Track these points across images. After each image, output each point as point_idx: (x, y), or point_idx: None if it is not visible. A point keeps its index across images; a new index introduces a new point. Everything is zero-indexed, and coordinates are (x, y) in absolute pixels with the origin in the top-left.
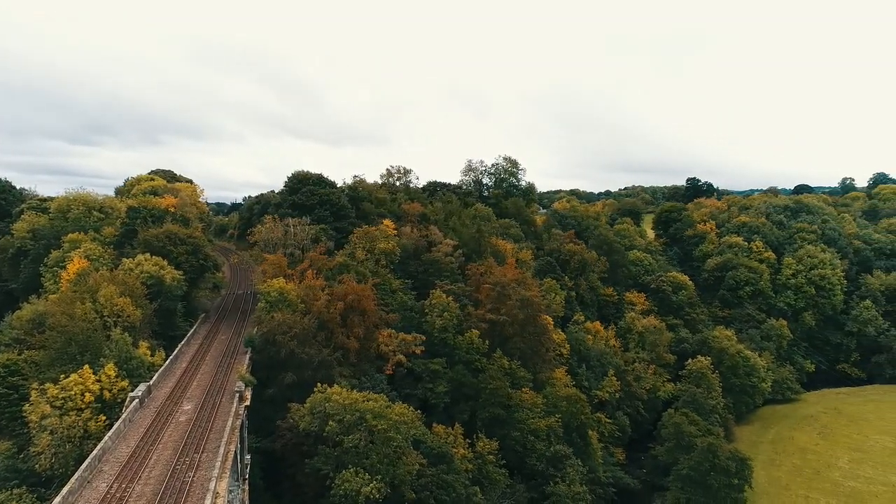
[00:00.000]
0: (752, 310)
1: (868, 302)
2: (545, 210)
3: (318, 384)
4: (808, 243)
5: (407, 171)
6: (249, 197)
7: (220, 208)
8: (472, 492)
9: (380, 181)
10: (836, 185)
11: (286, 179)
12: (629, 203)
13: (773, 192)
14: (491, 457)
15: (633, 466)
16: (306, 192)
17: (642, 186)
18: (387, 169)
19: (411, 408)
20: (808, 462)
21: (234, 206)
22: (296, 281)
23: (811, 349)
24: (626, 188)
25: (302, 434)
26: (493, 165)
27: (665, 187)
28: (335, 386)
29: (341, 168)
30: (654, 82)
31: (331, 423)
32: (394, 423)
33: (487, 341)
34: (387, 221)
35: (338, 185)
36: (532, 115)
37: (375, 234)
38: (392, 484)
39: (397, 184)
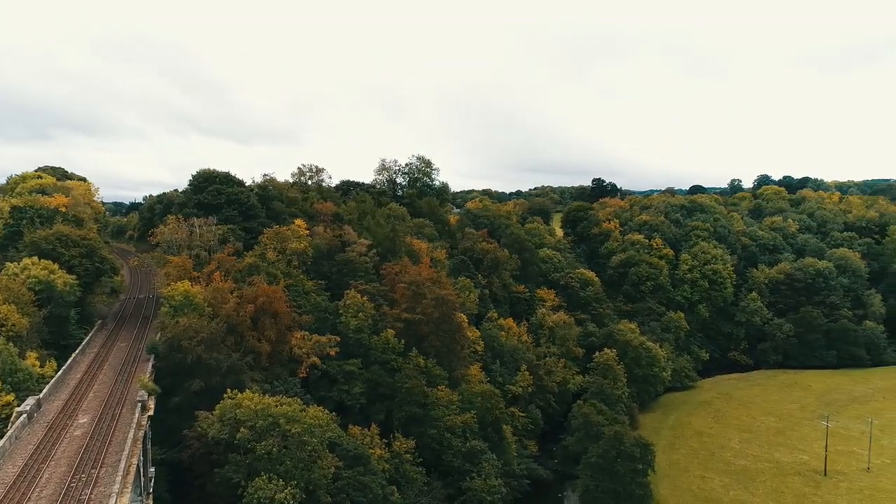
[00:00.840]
0: (653, 303)
1: (754, 294)
2: (459, 210)
3: (228, 390)
4: (702, 240)
5: (319, 170)
6: (150, 196)
7: (117, 208)
8: (388, 492)
9: (291, 180)
10: (726, 186)
11: (191, 177)
12: (539, 203)
13: (671, 192)
14: (408, 455)
15: (546, 457)
16: (213, 190)
17: (551, 186)
18: (298, 168)
19: (326, 410)
20: (703, 444)
21: (134, 206)
22: (202, 284)
23: (705, 339)
24: (535, 188)
25: (211, 442)
26: (406, 165)
27: (572, 187)
28: (246, 391)
29: (251, 167)
30: (564, 86)
31: (242, 429)
32: (308, 427)
33: (403, 341)
34: (298, 221)
35: (247, 184)
36: (447, 116)
37: (287, 235)
38: (307, 489)
39: (309, 183)
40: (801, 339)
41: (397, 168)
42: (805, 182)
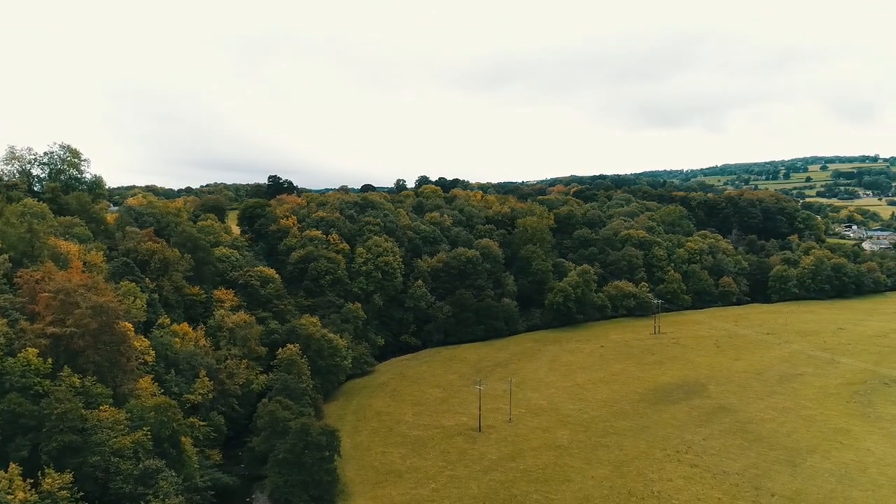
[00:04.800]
0: (332, 296)
1: (420, 281)
2: (118, 207)
3: None
4: (375, 234)
5: None
6: None
7: None
8: None
9: None
10: (393, 186)
11: None
12: (212, 200)
13: (345, 190)
14: (64, 492)
15: (232, 464)
16: None
17: (225, 184)
18: None
19: None
20: (383, 423)
21: None
22: None
23: (381, 326)
24: (208, 185)
25: None
26: (46, 154)
27: (248, 185)
28: None
29: None
30: (237, 82)
31: None
32: None
33: (51, 359)
34: None
35: None
36: (104, 106)
37: None
38: None
39: None
40: (457, 318)
41: (33, 158)
42: (456, 183)
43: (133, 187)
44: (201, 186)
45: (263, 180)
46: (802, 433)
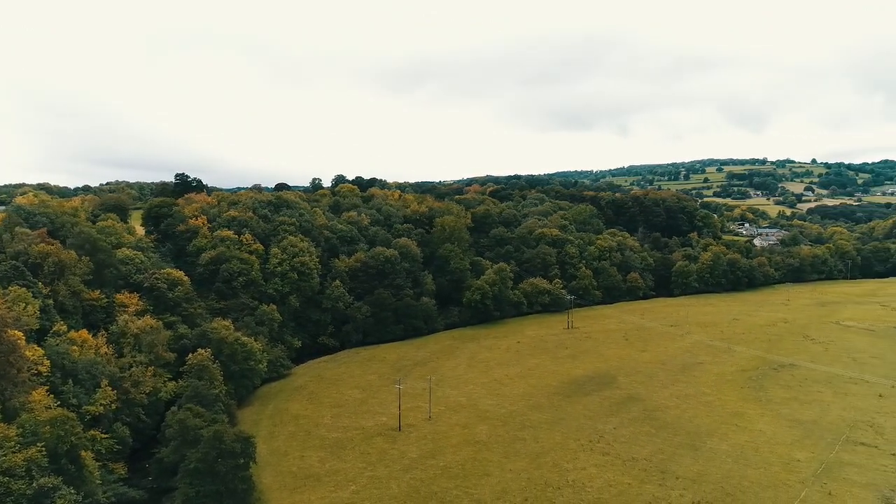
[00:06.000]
0: (246, 298)
1: (337, 282)
2: (4, 207)
3: None
4: (290, 234)
5: None
6: None
7: None
8: None
9: None
10: (308, 185)
11: None
12: (114, 199)
13: (258, 189)
14: None
15: (138, 477)
16: None
17: (127, 182)
18: None
19: None
20: (301, 426)
21: None
22: None
23: (297, 328)
24: (108, 183)
25: None
26: None
27: (153, 183)
28: None
29: None
30: (142, 78)
31: None
32: None
33: None
34: None
35: None
36: None
37: None
38: None
39: None
40: (376, 318)
41: None
42: (373, 182)
43: (22, 185)
44: (101, 185)
45: (170, 179)
46: (703, 418)
